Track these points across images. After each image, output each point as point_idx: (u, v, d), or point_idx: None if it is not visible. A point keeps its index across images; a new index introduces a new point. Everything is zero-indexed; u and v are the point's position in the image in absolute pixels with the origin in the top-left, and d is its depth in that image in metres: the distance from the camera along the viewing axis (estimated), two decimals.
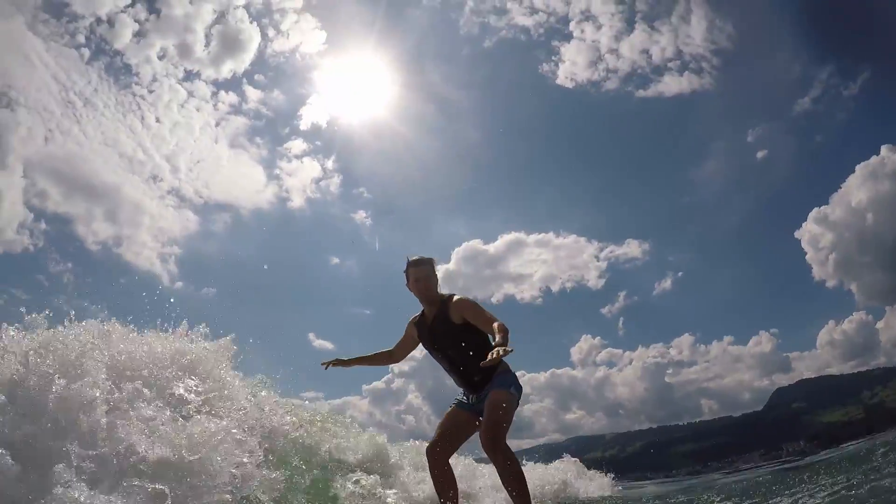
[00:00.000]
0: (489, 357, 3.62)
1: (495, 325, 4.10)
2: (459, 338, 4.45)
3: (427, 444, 4.60)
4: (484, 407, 4.29)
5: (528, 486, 4.08)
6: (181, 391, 4.31)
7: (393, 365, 5.22)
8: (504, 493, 4.32)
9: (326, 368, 5.16)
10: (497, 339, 3.92)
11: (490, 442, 4.06)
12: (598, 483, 11.91)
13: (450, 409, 4.71)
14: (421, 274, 4.68)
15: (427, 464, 4.53)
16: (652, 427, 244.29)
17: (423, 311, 4.81)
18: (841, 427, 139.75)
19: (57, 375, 3.16)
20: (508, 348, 3.70)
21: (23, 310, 3.93)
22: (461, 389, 4.67)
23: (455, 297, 4.60)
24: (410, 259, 4.73)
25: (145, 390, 3.79)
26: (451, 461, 4.57)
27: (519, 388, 4.44)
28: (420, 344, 4.92)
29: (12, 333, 3.69)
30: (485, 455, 4.09)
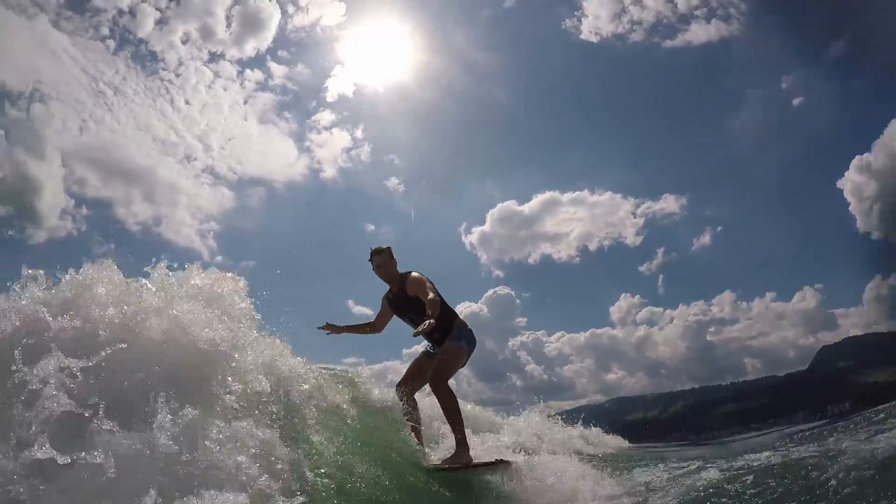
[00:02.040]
0: (418, 329, 4.80)
1: (427, 300, 5.28)
2: (416, 306, 5.50)
3: (397, 383, 5.93)
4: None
5: (462, 417, 5.31)
6: None
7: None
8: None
9: (329, 333, 6.19)
10: (427, 310, 5.10)
11: (433, 380, 5.40)
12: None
13: (418, 356, 6.06)
14: (381, 261, 5.84)
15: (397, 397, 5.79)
16: (694, 387, 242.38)
17: (389, 287, 5.98)
18: (888, 387, 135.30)
19: None
20: (426, 325, 4.79)
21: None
22: (427, 343, 5.97)
23: (410, 275, 5.75)
24: (372, 249, 5.86)
25: None
26: (416, 397, 5.87)
27: (471, 342, 5.73)
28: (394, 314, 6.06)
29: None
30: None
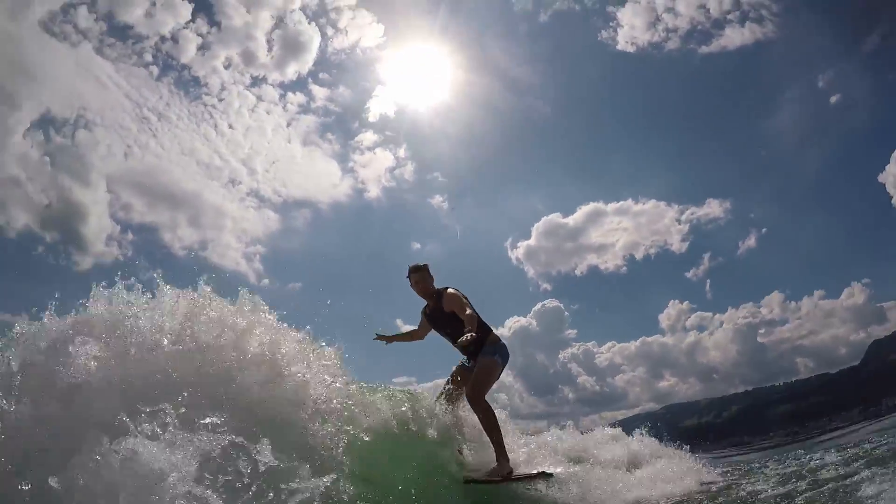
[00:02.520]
0: (460, 340, 5.10)
1: (464, 316, 5.45)
2: (453, 321, 5.68)
3: (436, 396, 5.99)
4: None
5: (502, 433, 5.46)
6: None
7: None
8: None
9: (387, 343, 6.48)
10: (465, 328, 5.22)
11: (471, 395, 5.58)
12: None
13: (455, 369, 6.17)
14: (419, 278, 6.08)
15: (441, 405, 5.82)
16: (747, 390, 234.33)
17: (427, 303, 6.20)
18: None
19: None
20: (467, 337, 5.06)
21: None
22: (463, 356, 6.11)
23: (447, 291, 5.92)
24: (410, 267, 6.09)
25: None
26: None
27: (504, 356, 5.86)
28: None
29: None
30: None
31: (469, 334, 5.10)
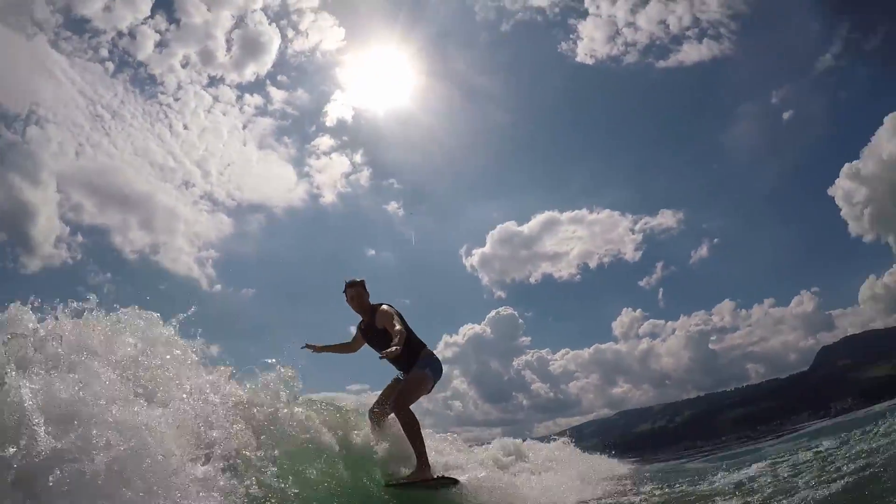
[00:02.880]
0: (382, 354, 5.12)
1: (393, 331, 5.55)
2: (385, 338, 5.68)
3: (369, 409, 6.16)
4: None
5: (423, 438, 5.52)
6: None
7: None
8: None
9: (314, 351, 6.51)
10: (392, 342, 5.33)
11: (395, 403, 5.67)
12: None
13: (390, 383, 6.28)
14: (353, 293, 6.22)
15: (369, 423, 6.06)
16: (700, 395, 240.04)
17: (362, 318, 6.27)
18: (888, 381, 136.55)
19: None
20: (390, 351, 5.13)
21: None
22: (399, 371, 6.18)
23: (380, 308, 6.00)
24: (347, 281, 6.23)
25: None
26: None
27: (436, 370, 6.02)
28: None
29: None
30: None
31: (393, 348, 5.20)
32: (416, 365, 5.90)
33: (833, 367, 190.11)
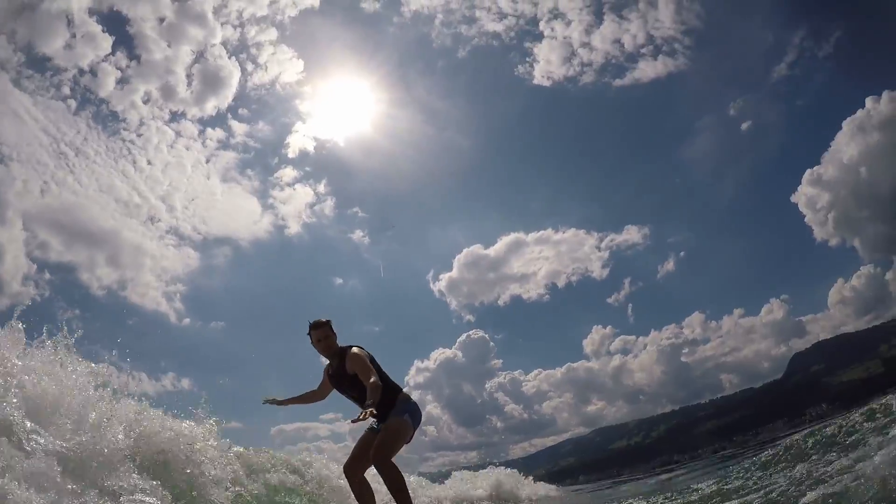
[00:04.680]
0: (357, 417, 4.49)
1: (368, 384, 5.00)
2: (357, 383, 5.22)
3: (344, 464, 5.53)
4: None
5: (410, 492, 5.12)
6: None
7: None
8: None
9: (277, 405, 6.07)
10: (368, 396, 4.89)
11: (376, 457, 5.09)
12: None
13: (363, 434, 5.56)
14: (320, 335, 5.54)
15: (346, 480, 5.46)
16: (674, 409, 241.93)
17: (329, 361, 5.66)
18: (861, 384, 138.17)
19: None
20: (366, 412, 4.51)
21: None
22: (372, 419, 5.45)
23: (350, 351, 5.40)
24: (311, 323, 5.54)
25: None
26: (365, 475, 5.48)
27: (416, 416, 5.42)
28: None
29: None
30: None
31: (368, 410, 4.61)
32: (392, 411, 5.34)
33: (806, 374, 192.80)
